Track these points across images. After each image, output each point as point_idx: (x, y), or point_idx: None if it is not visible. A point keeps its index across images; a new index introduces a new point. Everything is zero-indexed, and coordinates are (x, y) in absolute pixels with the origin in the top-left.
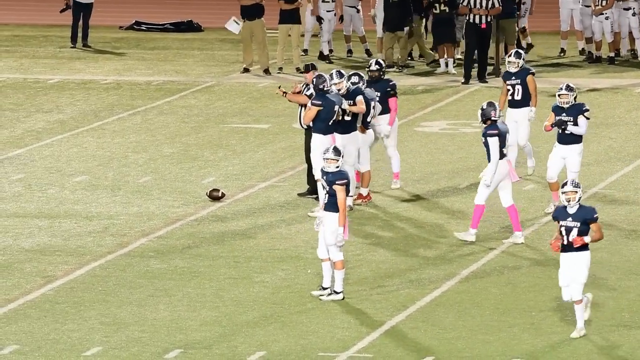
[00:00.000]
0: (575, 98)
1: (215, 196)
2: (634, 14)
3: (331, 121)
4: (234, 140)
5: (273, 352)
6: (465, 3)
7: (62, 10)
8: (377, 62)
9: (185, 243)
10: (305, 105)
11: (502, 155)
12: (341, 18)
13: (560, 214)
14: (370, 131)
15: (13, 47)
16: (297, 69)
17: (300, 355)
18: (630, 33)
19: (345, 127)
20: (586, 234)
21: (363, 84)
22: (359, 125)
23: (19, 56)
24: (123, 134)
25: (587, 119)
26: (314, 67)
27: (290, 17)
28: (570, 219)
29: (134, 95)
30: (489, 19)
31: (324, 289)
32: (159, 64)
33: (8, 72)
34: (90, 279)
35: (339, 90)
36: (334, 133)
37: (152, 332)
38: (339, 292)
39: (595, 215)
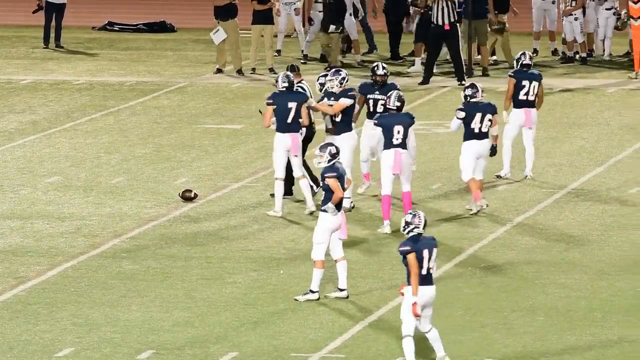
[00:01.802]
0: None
1: (187, 197)
2: (614, 14)
3: (289, 119)
4: (207, 140)
5: (245, 352)
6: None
7: (35, 11)
8: (383, 67)
9: (157, 244)
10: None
11: (392, 146)
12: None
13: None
14: (354, 134)
15: None
16: (270, 70)
17: (273, 356)
18: None
19: (338, 128)
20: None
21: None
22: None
23: None
24: (95, 135)
25: (458, 118)
26: (297, 69)
27: (264, 17)
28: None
29: (106, 96)
30: (452, 20)
31: (341, 290)
32: (132, 64)
33: None
34: (63, 280)
35: (331, 87)
36: (297, 132)
37: (124, 332)
38: (315, 292)
39: (400, 248)
